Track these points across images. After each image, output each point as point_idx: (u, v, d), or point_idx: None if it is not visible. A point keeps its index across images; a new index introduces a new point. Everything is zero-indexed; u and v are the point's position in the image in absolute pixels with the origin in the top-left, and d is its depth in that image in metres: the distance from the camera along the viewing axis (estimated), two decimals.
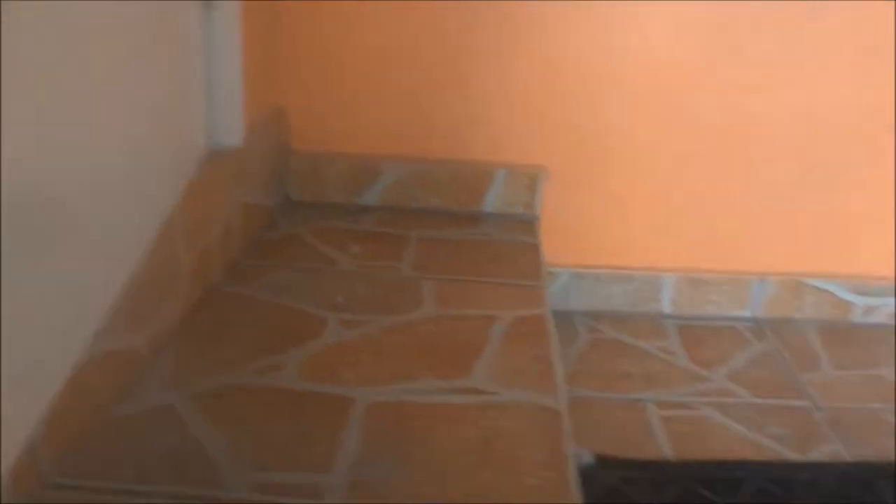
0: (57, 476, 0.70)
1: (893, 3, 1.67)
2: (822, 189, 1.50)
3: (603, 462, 1.13)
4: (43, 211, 0.68)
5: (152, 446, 0.76)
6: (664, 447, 1.18)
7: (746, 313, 1.60)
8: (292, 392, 0.87)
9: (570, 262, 1.56)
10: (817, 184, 1.50)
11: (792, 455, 1.17)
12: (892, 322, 1.60)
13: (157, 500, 0.69)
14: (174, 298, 0.96)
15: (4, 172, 0.60)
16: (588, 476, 1.10)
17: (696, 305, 1.58)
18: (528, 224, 1.42)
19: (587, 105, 1.43)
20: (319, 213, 1.41)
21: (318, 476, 0.74)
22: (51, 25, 0.67)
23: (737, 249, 1.56)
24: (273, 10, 1.34)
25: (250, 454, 0.76)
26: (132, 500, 0.69)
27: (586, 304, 1.58)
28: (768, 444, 1.20)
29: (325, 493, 0.72)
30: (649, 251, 1.56)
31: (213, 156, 1.10)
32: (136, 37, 0.86)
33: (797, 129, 1.45)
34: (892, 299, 1.58)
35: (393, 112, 1.44)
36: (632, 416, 1.25)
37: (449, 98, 1.42)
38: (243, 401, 0.85)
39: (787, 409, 1.29)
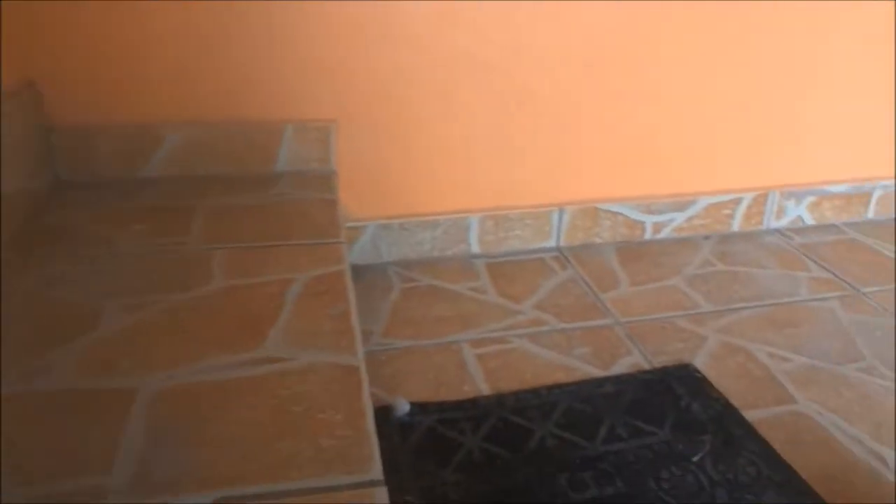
0: None
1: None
2: (603, 119, 1.57)
3: (420, 409, 1.13)
4: None
5: None
6: (481, 384, 1.20)
7: (550, 244, 1.65)
8: (65, 393, 0.79)
9: (376, 215, 1.54)
10: (598, 114, 1.56)
11: (598, 372, 1.23)
12: (678, 235, 1.72)
13: None
14: None
15: None
16: (406, 425, 1.10)
17: (502, 242, 1.62)
18: (324, 180, 1.38)
19: (375, 55, 1.39)
20: (94, 193, 1.28)
21: (101, 477, 0.68)
22: None
23: (536, 184, 1.60)
24: None
25: (26, 467, 0.68)
26: None
27: (398, 255, 1.57)
28: (577, 364, 1.25)
29: (108, 493, 0.66)
30: (453, 195, 1.56)
31: None
32: None
33: (571, 59, 1.50)
34: (677, 214, 1.69)
35: (166, 73, 1.33)
36: (448, 359, 1.26)
37: (228, 54, 1.33)
38: (8, 413, 0.75)
39: (592, 329, 1.35)
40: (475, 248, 1.61)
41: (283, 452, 0.72)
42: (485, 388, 1.19)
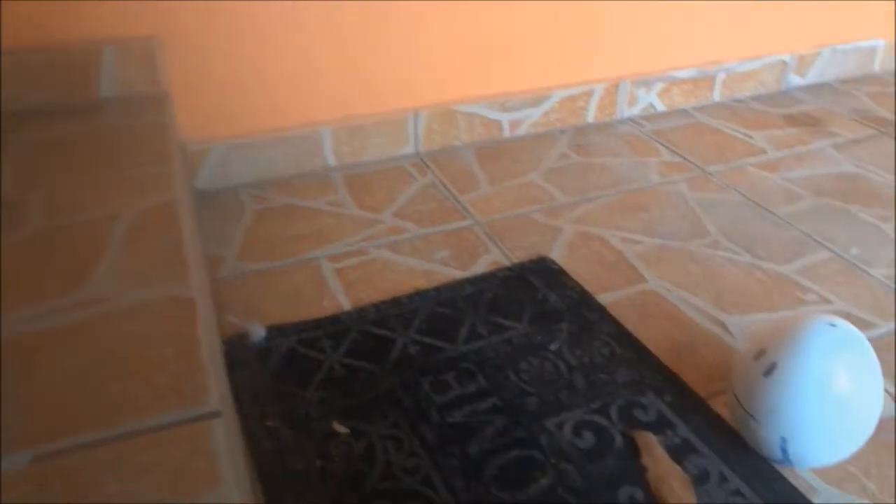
0: None
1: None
2: (452, 17, 1.52)
3: (278, 331, 1.10)
4: None
5: None
6: (341, 299, 1.18)
7: (409, 150, 1.62)
8: None
9: (222, 135, 1.45)
10: (446, 13, 1.51)
11: (459, 274, 1.23)
12: (535, 131, 1.72)
13: None
14: None
15: None
16: (264, 350, 1.07)
17: (359, 152, 1.57)
18: (154, 103, 1.27)
19: None
20: None
21: None
22: None
23: (388, 90, 1.55)
24: None
25: None
26: None
27: (250, 175, 1.50)
28: (438, 269, 1.25)
29: None
30: (302, 108, 1.49)
31: None
32: None
33: None
34: (533, 110, 1.69)
35: None
36: (307, 278, 1.23)
37: None
38: None
39: (452, 232, 1.35)
40: (331, 161, 1.56)
41: (110, 397, 0.67)
42: (345, 303, 1.17)
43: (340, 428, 0.95)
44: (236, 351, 1.07)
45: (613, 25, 1.69)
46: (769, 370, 0.82)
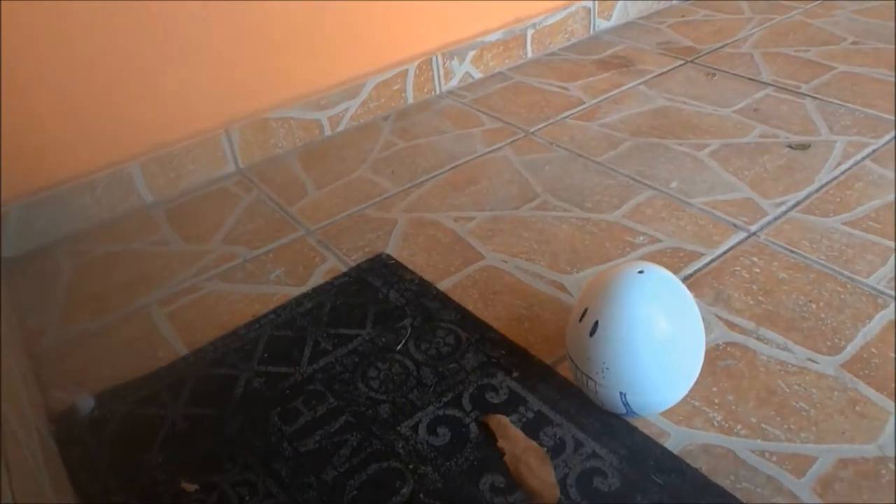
0: None
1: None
2: (241, 24, 1.45)
3: (110, 396, 1.02)
4: None
5: None
6: (176, 345, 1.11)
7: (229, 169, 1.55)
8: None
9: (17, 193, 1.33)
10: (232, 20, 1.44)
11: (296, 290, 1.19)
12: (356, 124, 1.68)
13: None
14: None
15: None
16: (98, 420, 0.99)
17: (175, 182, 1.49)
18: None
19: None
20: None
21: None
22: None
23: (193, 110, 1.47)
24: None
25: None
26: None
27: (61, 230, 1.39)
28: (274, 290, 1.20)
29: None
30: (100, 147, 1.39)
31: None
32: None
33: None
34: (350, 102, 1.65)
35: None
36: (138, 329, 1.15)
37: None
38: None
39: (284, 247, 1.30)
40: (148, 198, 1.47)
41: None
42: (181, 349, 1.10)
43: (189, 486, 0.89)
44: (65, 429, 0.98)
45: (409, 3, 1.67)
46: (593, 329, 0.83)
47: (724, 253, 1.17)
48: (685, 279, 1.13)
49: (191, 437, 0.95)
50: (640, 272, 0.84)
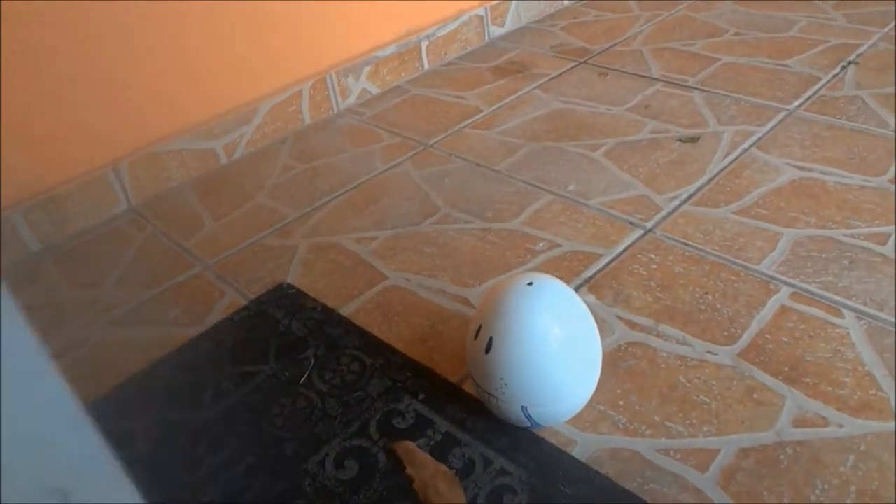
0: None
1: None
2: (122, 54, 1.39)
3: None
4: None
5: None
6: None
7: (121, 207, 1.49)
8: None
9: None
10: (115, 51, 1.38)
11: (194, 330, 1.14)
12: (254, 149, 1.65)
13: None
14: None
15: None
16: None
17: (63, 227, 1.42)
18: None
19: None
20: None
21: None
22: None
23: (75, 148, 1.40)
24: None
25: None
26: None
27: None
28: (171, 331, 1.15)
29: None
30: None
31: None
32: None
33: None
34: (244, 128, 1.61)
35: None
36: None
37: None
38: None
39: (180, 285, 1.25)
40: (34, 246, 1.39)
41: None
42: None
43: None
44: None
45: (300, 23, 1.64)
46: (488, 346, 0.83)
47: (622, 252, 1.19)
48: (585, 282, 1.14)
49: None
50: (530, 284, 0.84)
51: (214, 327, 1.14)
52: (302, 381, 1.02)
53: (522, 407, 0.84)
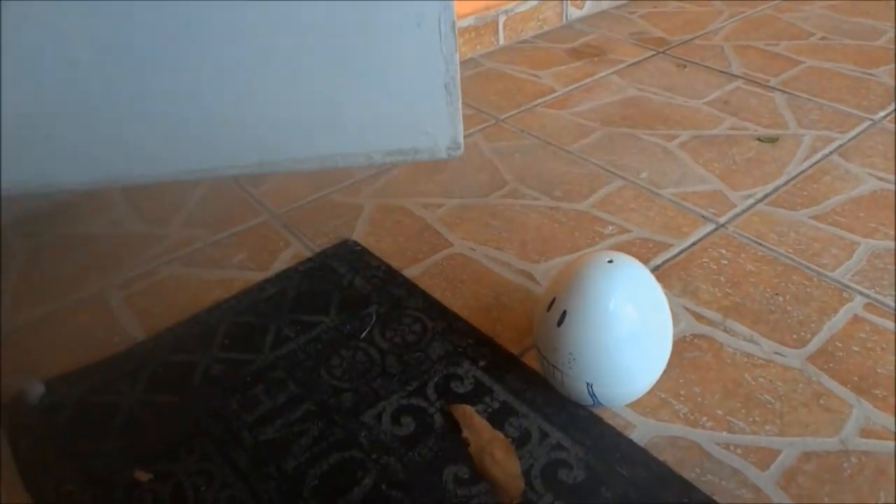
0: None
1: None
2: None
3: (63, 382, 0.99)
4: None
5: None
6: (134, 331, 1.08)
7: None
8: None
9: None
10: None
11: (258, 276, 1.16)
12: None
13: None
14: None
15: None
16: (49, 408, 0.96)
17: None
18: None
19: None
20: None
21: None
22: None
23: None
24: None
25: None
26: None
27: (14, 212, 1.34)
28: (235, 275, 1.17)
29: None
30: None
31: None
32: None
33: None
34: None
35: None
36: (94, 314, 1.11)
37: None
38: None
39: (246, 231, 1.27)
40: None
41: None
42: (139, 334, 1.07)
43: (143, 475, 0.86)
44: (15, 417, 0.95)
45: None
46: (561, 319, 0.82)
47: (693, 244, 1.17)
48: (653, 270, 1.12)
49: (147, 425, 0.92)
50: (610, 262, 0.83)
51: (279, 275, 1.15)
52: (363, 335, 1.02)
53: (588, 384, 0.83)
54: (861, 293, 1.06)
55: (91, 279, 1.18)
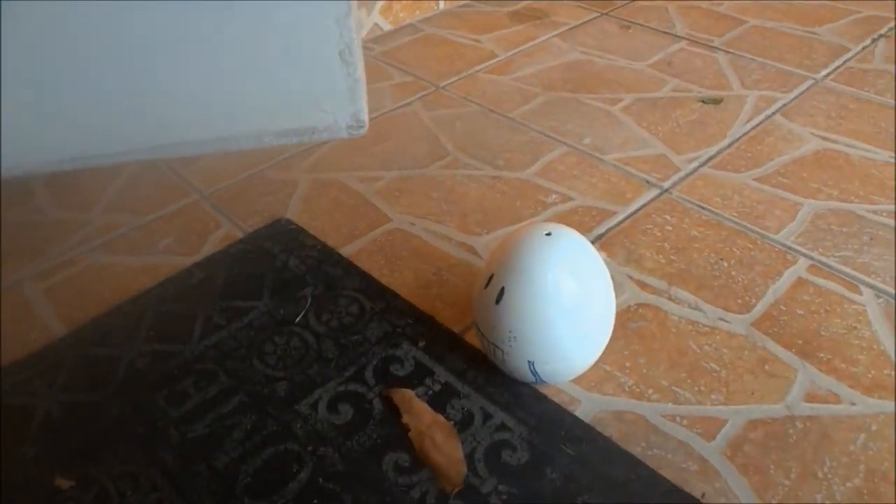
0: None
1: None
2: None
3: None
4: None
5: None
6: (53, 325, 1.01)
7: None
8: None
9: None
10: None
11: (187, 260, 1.10)
12: None
13: None
14: None
15: None
16: None
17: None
18: None
19: None
20: None
21: None
22: None
23: None
24: None
25: None
26: None
27: None
28: (162, 260, 1.10)
29: None
30: None
31: None
32: None
33: None
34: None
35: None
36: (10, 308, 1.04)
37: None
38: None
39: (174, 213, 1.20)
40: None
41: None
42: (58, 328, 1.00)
43: (64, 483, 0.81)
44: None
45: None
46: (499, 296, 0.78)
47: (637, 211, 1.14)
48: (597, 238, 1.09)
49: (67, 427, 0.87)
50: (548, 234, 0.79)
51: (208, 259, 1.10)
52: (297, 320, 0.98)
53: (529, 362, 0.80)
54: (805, 255, 1.05)
55: (6, 270, 1.11)
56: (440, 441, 0.81)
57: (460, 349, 0.92)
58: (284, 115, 0.69)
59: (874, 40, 1.61)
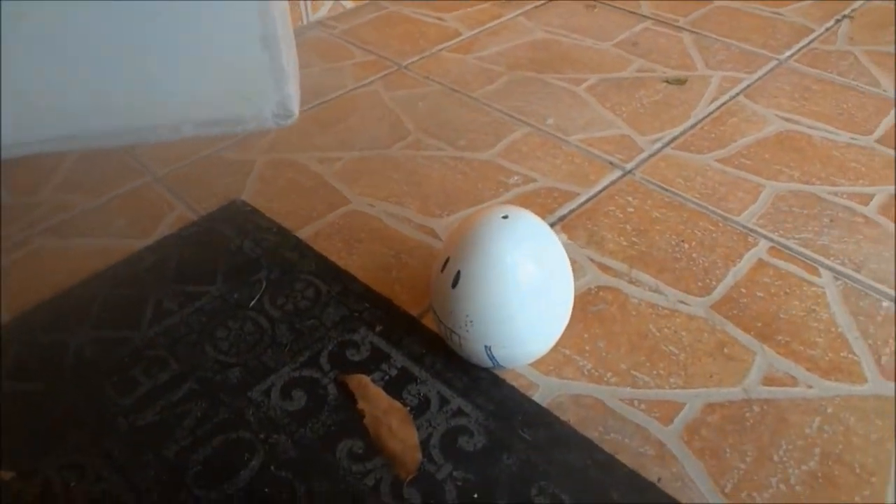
0: None
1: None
2: None
3: None
4: None
5: None
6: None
7: None
8: None
9: None
10: None
11: (139, 243, 1.07)
12: None
13: None
14: None
15: None
16: None
17: None
18: None
19: None
20: None
21: None
22: None
23: None
24: None
25: None
26: None
27: None
28: (114, 244, 1.07)
29: None
30: None
31: None
32: None
33: None
34: None
35: None
36: None
37: None
38: None
39: (127, 194, 1.17)
40: None
41: None
42: (4, 315, 0.97)
43: (5, 474, 0.78)
44: None
45: None
46: (455, 280, 0.77)
47: (599, 192, 1.13)
48: (559, 220, 1.08)
49: (10, 417, 0.84)
50: (505, 217, 0.78)
51: (160, 242, 1.06)
52: (251, 304, 0.95)
53: (486, 346, 0.79)
54: (765, 237, 1.04)
55: None
56: (396, 427, 0.79)
57: (418, 333, 0.91)
58: (204, 105, 0.65)
59: (838, 21, 1.61)
